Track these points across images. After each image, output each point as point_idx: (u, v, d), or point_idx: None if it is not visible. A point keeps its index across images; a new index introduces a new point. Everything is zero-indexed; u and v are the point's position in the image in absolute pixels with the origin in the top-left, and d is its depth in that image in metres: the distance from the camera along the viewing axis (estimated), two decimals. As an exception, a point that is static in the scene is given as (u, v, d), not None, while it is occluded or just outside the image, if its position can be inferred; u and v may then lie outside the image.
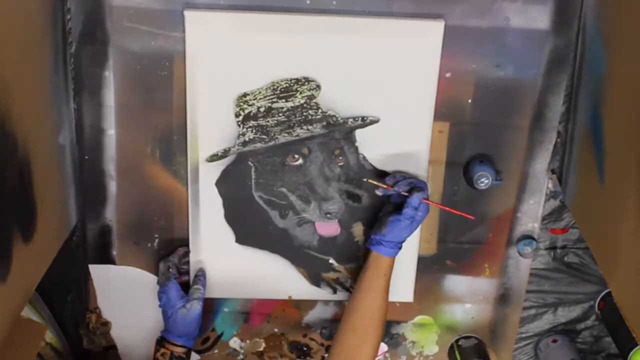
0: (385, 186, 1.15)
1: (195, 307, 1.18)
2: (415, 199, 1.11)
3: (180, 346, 1.18)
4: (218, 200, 1.19)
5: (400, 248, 1.15)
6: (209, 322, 1.30)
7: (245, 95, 1.11)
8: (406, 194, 1.13)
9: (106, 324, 1.28)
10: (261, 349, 1.34)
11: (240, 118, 1.12)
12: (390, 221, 1.13)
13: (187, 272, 1.23)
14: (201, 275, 1.22)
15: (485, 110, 1.17)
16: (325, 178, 1.17)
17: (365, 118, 1.14)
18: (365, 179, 1.17)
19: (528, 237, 1.26)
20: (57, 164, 1.08)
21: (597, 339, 1.38)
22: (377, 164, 1.18)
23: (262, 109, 1.12)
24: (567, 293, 1.33)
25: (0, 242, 0.83)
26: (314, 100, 1.12)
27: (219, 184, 1.18)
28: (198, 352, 1.32)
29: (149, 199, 1.19)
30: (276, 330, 1.33)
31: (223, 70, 1.10)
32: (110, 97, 1.12)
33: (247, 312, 1.31)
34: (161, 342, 1.18)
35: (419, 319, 1.33)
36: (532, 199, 1.23)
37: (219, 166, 1.16)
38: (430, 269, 1.28)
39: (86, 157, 1.16)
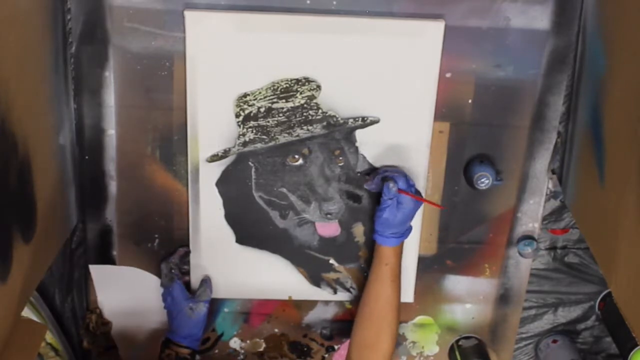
0: (368, 178, 1.17)
1: (201, 308, 1.18)
2: (385, 189, 1.12)
3: (185, 347, 1.18)
4: (218, 200, 1.19)
5: (397, 237, 1.15)
6: (209, 323, 1.30)
7: (245, 95, 1.11)
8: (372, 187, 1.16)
9: (106, 324, 1.28)
10: (261, 349, 1.34)
11: (241, 118, 1.12)
12: (375, 211, 1.15)
13: (188, 272, 1.23)
14: (208, 277, 1.22)
15: (485, 110, 1.17)
16: (325, 178, 1.17)
17: (365, 118, 1.14)
18: (358, 172, 1.17)
19: (528, 237, 1.26)
20: (57, 164, 1.08)
21: (597, 339, 1.38)
22: (378, 164, 1.18)
23: (262, 109, 1.12)
24: (567, 293, 1.33)
25: (0, 242, 0.83)
26: (314, 101, 1.12)
27: (219, 184, 1.18)
28: (198, 352, 1.32)
29: (149, 199, 1.19)
30: (276, 330, 1.33)
31: (223, 70, 1.10)
32: (110, 97, 1.13)
33: (247, 312, 1.31)
34: (166, 343, 1.18)
35: (419, 319, 1.33)
36: (532, 199, 1.23)
37: (219, 166, 1.16)
38: (430, 269, 1.28)
39: (86, 157, 1.16)
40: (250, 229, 1.21)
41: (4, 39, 0.82)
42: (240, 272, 1.24)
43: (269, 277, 1.25)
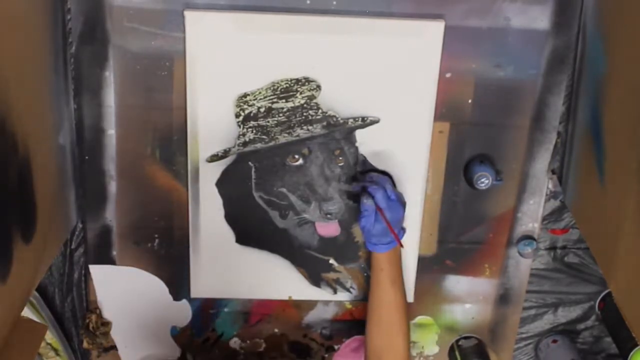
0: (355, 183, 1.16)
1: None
2: (362, 201, 1.11)
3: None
4: (218, 200, 1.19)
5: (385, 244, 1.14)
6: (209, 322, 1.30)
7: (245, 95, 1.11)
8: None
9: (106, 324, 1.28)
10: (261, 349, 1.34)
11: (241, 118, 1.12)
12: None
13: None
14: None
15: (485, 110, 1.17)
16: (325, 178, 1.17)
17: (365, 118, 1.14)
18: (359, 170, 1.17)
19: (528, 237, 1.26)
20: (57, 164, 1.08)
21: (597, 339, 1.38)
22: (377, 164, 1.18)
23: (262, 110, 1.12)
24: (567, 293, 1.33)
25: (0, 242, 0.83)
26: (314, 101, 1.12)
27: (219, 184, 1.18)
28: (198, 352, 1.32)
29: (149, 199, 1.19)
30: (276, 330, 1.33)
31: (223, 70, 1.10)
32: (110, 97, 1.13)
33: (247, 312, 1.31)
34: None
35: (419, 319, 1.33)
36: (532, 199, 1.23)
37: (219, 166, 1.16)
38: (430, 269, 1.28)
39: (86, 157, 1.16)
40: (250, 229, 1.21)
41: (4, 39, 0.82)
42: (240, 272, 1.24)
43: (269, 277, 1.25)
